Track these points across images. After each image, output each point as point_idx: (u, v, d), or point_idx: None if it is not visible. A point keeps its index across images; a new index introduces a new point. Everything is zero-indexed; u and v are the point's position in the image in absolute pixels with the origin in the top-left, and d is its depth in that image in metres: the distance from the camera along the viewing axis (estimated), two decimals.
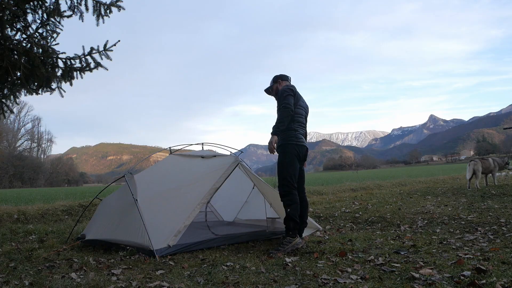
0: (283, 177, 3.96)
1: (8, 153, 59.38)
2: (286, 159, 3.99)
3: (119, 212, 4.41)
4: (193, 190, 4.24)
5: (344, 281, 2.70)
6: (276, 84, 4.36)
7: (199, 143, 5.12)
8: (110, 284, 2.81)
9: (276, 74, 4.43)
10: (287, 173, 3.96)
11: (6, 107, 4.48)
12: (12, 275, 3.16)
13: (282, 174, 3.98)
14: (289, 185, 3.94)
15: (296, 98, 4.11)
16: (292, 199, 3.92)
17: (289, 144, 4.01)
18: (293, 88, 4.13)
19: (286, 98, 4.01)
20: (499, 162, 10.07)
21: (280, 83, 4.34)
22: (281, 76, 4.39)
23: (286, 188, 3.93)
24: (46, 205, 8.03)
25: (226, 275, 2.97)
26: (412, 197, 8.69)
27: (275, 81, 4.38)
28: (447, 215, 5.72)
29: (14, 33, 4.13)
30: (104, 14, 4.36)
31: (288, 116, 3.95)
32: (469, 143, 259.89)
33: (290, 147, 4.01)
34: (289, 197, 3.92)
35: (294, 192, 3.95)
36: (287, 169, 3.97)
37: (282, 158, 4.02)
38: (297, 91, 4.18)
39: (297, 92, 4.16)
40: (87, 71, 4.42)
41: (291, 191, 3.93)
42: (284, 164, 3.99)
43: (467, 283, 2.50)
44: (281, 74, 4.41)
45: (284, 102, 3.97)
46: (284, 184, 3.95)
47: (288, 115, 3.95)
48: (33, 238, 5.13)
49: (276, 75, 4.41)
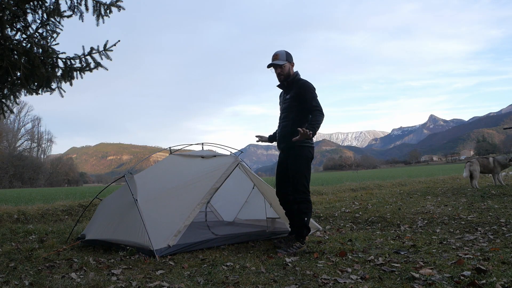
0: (301, 183, 3.74)
1: (8, 153, 59.38)
2: (303, 163, 3.77)
3: (119, 212, 4.41)
4: (193, 190, 4.24)
5: (344, 281, 2.70)
6: (289, 65, 3.92)
7: (199, 143, 5.12)
8: (110, 284, 2.81)
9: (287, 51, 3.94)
10: (304, 179, 3.76)
11: (6, 107, 4.48)
12: (12, 275, 3.16)
13: (300, 180, 3.74)
14: (306, 191, 3.75)
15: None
16: (309, 207, 3.76)
17: (304, 147, 3.78)
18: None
19: (316, 99, 3.73)
20: (500, 160, 9.71)
21: (292, 65, 3.95)
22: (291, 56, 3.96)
23: (303, 195, 3.74)
24: (46, 205, 8.03)
25: (226, 275, 2.97)
26: (412, 197, 8.69)
27: (290, 60, 3.92)
28: (447, 215, 5.72)
29: (14, 33, 4.13)
30: (104, 14, 4.36)
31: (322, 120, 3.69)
32: (469, 143, 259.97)
33: (306, 150, 3.79)
34: (306, 205, 3.75)
35: (310, 199, 3.79)
36: (305, 174, 3.76)
37: (298, 162, 3.77)
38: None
39: None
40: (87, 71, 4.42)
41: (307, 198, 3.76)
42: (301, 169, 3.76)
43: (467, 283, 2.50)
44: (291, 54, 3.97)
45: (319, 105, 3.68)
46: (301, 191, 3.74)
47: (323, 119, 3.69)
48: (33, 238, 5.13)
49: (289, 52, 3.94)
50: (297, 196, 3.76)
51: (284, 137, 3.88)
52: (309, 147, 3.81)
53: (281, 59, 3.88)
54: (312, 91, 3.77)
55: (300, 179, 3.75)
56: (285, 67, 3.88)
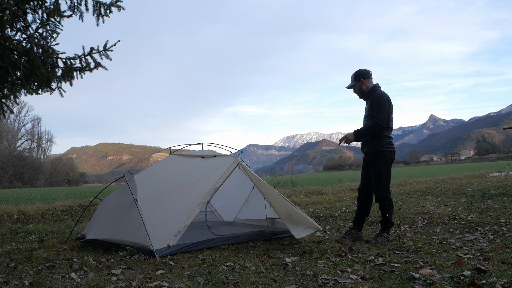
0: (381, 183, 4.17)
1: (8, 153, 59.33)
2: (383, 165, 4.19)
3: (119, 212, 4.41)
4: (193, 190, 4.24)
5: (344, 281, 2.70)
6: (359, 83, 4.35)
7: (199, 143, 5.11)
8: (110, 284, 2.81)
9: (356, 70, 4.37)
10: (384, 179, 4.18)
11: (6, 107, 4.47)
12: (12, 275, 3.16)
13: (380, 180, 4.17)
14: (386, 190, 4.19)
15: (391, 105, 4.23)
16: (390, 204, 4.19)
17: (384, 151, 4.19)
18: (388, 96, 4.22)
19: (381, 111, 4.12)
20: None
21: (363, 82, 4.34)
22: (364, 74, 4.34)
23: (383, 194, 4.17)
24: (46, 205, 8.01)
25: (226, 275, 2.97)
26: (412, 197, 8.69)
27: (357, 79, 4.35)
28: (447, 215, 5.72)
29: (14, 33, 4.12)
30: (104, 14, 4.36)
31: (376, 132, 4.16)
32: (469, 143, 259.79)
33: (385, 154, 4.20)
34: (387, 202, 4.18)
35: (390, 197, 4.22)
36: (385, 175, 4.18)
37: (378, 164, 4.19)
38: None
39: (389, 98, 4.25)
40: (87, 71, 4.42)
41: (388, 196, 4.19)
42: (381, 170, 4.18)
43: (467, 283, 2.50)
44: (363, 71, 4.36)
45: (378, 117, 4.10)
46: (382, 189, 4.17)
47: (377, 132, 4.16)
48: (33, 238, 5.13)
49: (358, 72, 4.36)
50: (378, 195, 4.20)
51: (366, 142, 4.33)
52: (389, 151, 4.23)
53: (351, 80, 4.45)
54: (379, 103, 4.16)
55: (380, 179, 4.18)
56: (355, 86, 4.41)
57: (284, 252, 3.81)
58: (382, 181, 4.17)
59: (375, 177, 4.20)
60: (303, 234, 4.13)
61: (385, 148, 4.20)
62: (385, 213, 4.19)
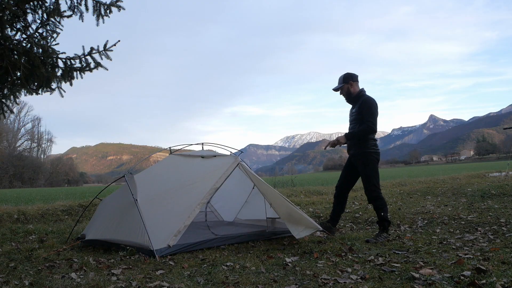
0: (371, 184, 4.27)
1: (8, 153, 59.32)
2: (370, 167, 4.29)
3: (119, 212, 4.41)
4: (193, 190, 4.24)
5: (344, 281, 2.70)
6: (347, 85, 4.45)
7: (199, 143, 5.11)
8: (110, 284, 2.81)
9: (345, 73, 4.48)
10: (374, 180, 4.28)
11: (6, 107, 4.47)
12: (12, 275, 3.16)
13: (370, 181, 4.28)
14: (376, 190, 4.27)
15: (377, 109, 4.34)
16: (383, 202, 4.27)
17: (370, 153, 4.31)
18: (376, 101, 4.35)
19: (373, 115, 4.27)
20: None
21: (351, 84, 4.44)
22: (352, 76, 4.45)
23: (375, 194, 4.26)
24: (46, 205, 8.01)
25: (226, 275, 2.97)
26: (412, 197, 8.69)
27: (346, 81, 4.45)
28: (447, 215, 5.72)
29: (14, 33, 4.12)
30: (104, 14, 4.35)
31: (367, 135, 4.28)
32: (469, 143, 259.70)
33: (372, 155, 4.32)
34: (379, 202, 4.25)
35: (382, 196, 4.30)
36: (374, 176, 4.29)
37: (366, 166, 4.29)
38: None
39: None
40: (87, 71, 4.41)
41: (379, 195, 4.27)
42: (370, 173, 4.29)
43: (467, 283, 2.50)
44: (352, 74, 4.45)
45: (370, 120, 4.24)
46: (372, 190, 4.27)
47: (369, 134, 4.28)
48: (33, 238, 5.13)
49: (346, 74, 4.46)
50: (370, 196, 4.28)
51: (352, 145, 4.42)
52: (374, 152, 4.35)
53: (339, 82, 4.52)
54: (370, 107, 4.29)
55: (371, 181, 4.27)
56: (343, 88, 4.48)
57: (284, 252, 3.81)
58: (373, 182, 4.27)
59: (366, 180, 4.31)
60: (303, 234, 4.12)
61: (371, 150, 4.32)
62: (380, 212, 4.25)
